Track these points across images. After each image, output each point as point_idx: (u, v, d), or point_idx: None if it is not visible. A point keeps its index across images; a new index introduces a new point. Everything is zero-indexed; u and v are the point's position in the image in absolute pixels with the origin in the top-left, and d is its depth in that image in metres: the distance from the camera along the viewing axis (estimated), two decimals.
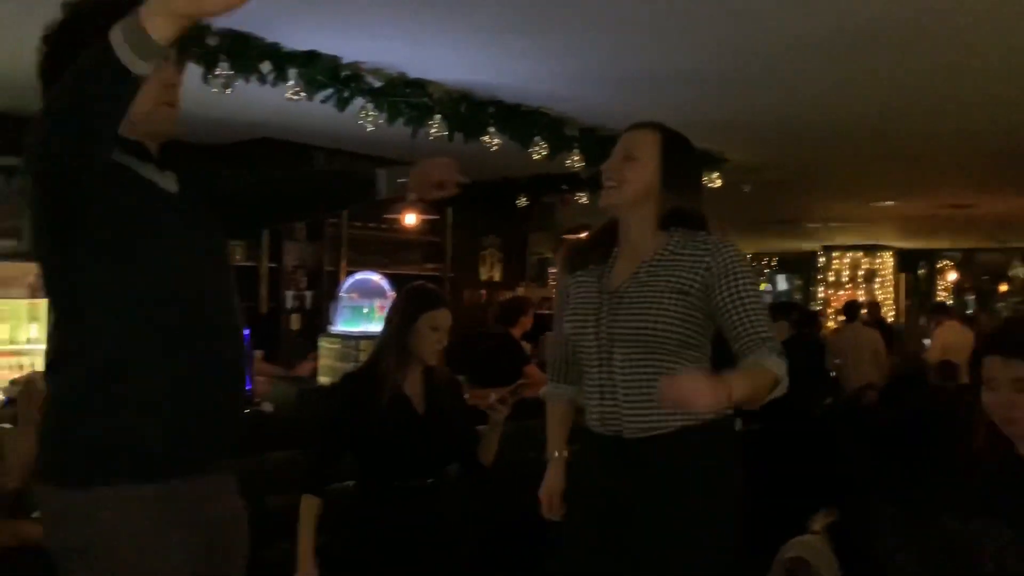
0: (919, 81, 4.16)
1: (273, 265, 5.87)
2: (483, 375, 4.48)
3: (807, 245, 13.64)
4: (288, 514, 3.19)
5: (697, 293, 1.80)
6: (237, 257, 5.39)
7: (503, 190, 6.69)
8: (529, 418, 3.89)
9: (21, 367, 4.36)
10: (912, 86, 4.25)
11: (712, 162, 5.75)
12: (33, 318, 4.65)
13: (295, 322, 5.94)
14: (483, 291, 7.49)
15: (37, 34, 1.49)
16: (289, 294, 5.95)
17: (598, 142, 5.04)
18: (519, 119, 4.40)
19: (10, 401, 2.16)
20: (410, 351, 2.44)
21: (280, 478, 3.19)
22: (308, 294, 6.07)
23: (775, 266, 15.65)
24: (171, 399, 1.42)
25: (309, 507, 2.43)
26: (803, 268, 15.06)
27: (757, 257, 15.39)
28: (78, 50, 1.25)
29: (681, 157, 1.90)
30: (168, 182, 1.54)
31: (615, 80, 4.21)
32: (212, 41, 3.33)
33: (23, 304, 4.66)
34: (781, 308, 8.60)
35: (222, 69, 3.34)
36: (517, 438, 3.84)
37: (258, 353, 4.67)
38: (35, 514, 2.15)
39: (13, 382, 3.41)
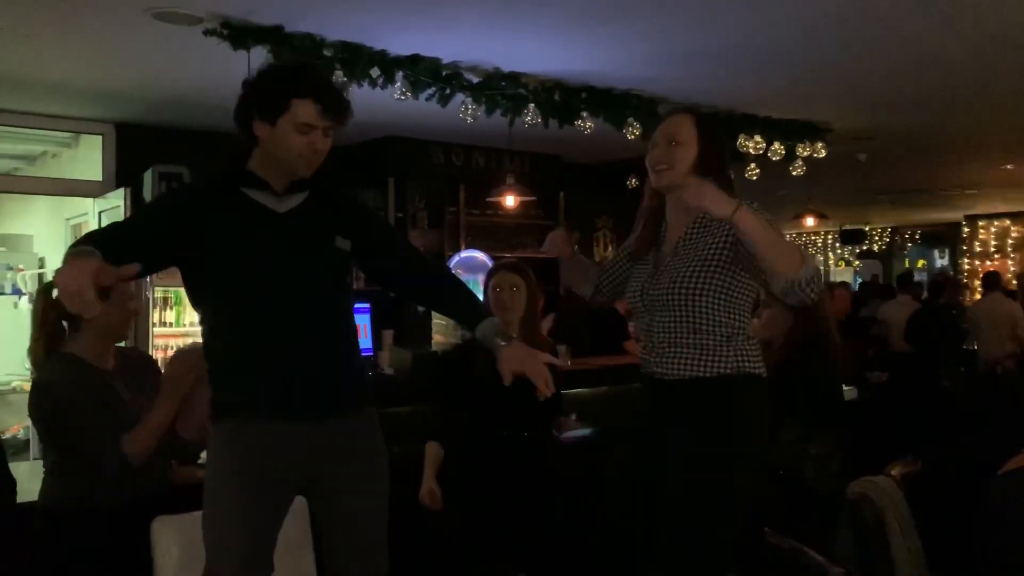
0: None
1: None
2: (585, 347, 4.87)
3: (949, 216, 13.03)
4: (408, 462, 3.66)
5: (726, 256, 2.07)
6: None
7: (614, 172, 6.93)
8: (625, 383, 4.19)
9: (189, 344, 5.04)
10: None
11: (813, 132, 5.78)
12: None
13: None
14: None
15: (200, 63, 1.98)
16: None
17: None
18: (611, 102, 4.66)
19: None
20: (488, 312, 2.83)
21: (401, 431, 3.64)
22: None
23: (918, 239, 15.00)
24: (251, 372, 2.02)
25: (430, 450, 2.94)
26: (947, 240, 14.38)
27: (897, 231, 14.82)
28: (262, 103, 1.92)
29: (713, 136, 2.18)
30: (283, 203, 2.01)
31: (704, 58, 4.32)
32: (328, 52, 3.82)
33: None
34: (903, 280, 8.41)
35: (337, 77, 3.81)
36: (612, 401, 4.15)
37: (388, 332, 5.19)
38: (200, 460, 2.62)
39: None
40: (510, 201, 5.40)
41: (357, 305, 4.72)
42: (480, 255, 4.88)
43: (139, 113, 5.41)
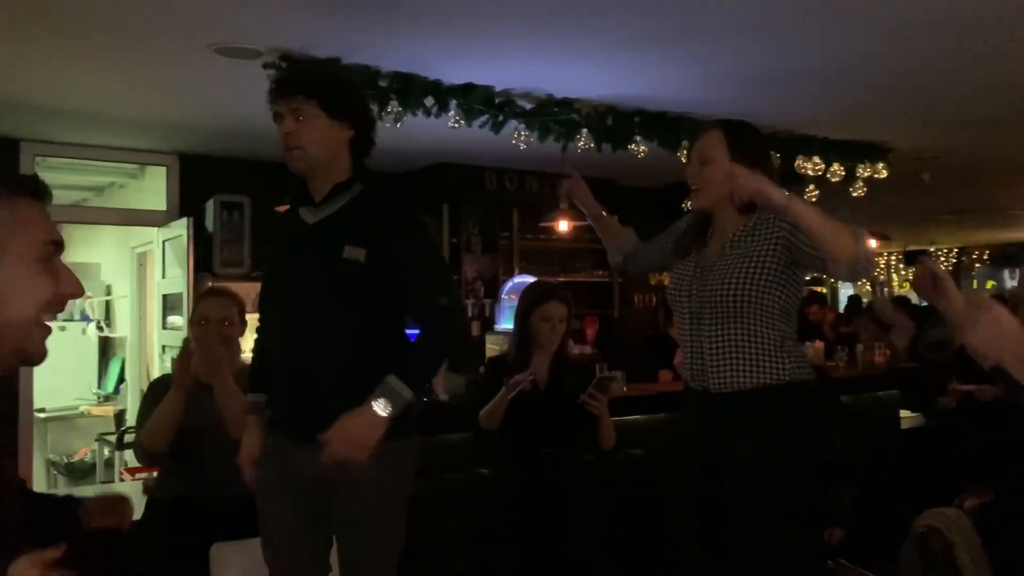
0: None
1: (454, 277, 6.44)
2: (641, 372, 4.82)
3: (1020, 235, 12.60)
4: (463, 488, 3.65)
5: (777, 259, 2.03)
6: None
7: (669, 195, 6.87)
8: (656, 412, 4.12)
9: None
10: None
11: (874, 152, 5.66)
12: (252, 330, 5.43)
13: (475, 329, 6.46)
14: (653, 295, 7.71)
15: (259, 95, 2.09)
16: (469, 303, 6.48)
17: None
18: (664, 126, 4.63)
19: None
20: (529, 339, 2.82)
21: (454, 458, 3.64)
22: (487, 302, 6.59)
23: (987, 260, 14.53)
24: (268, 384, 2.05)
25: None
26: (1019, 260, 13.89)
27: (964, 251, 14.37)
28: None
29: (746, 146, 2.14)
30: (317, 214, 1.99)
31: (759, 80, 4.26)
32: (383, 83, 3.88)
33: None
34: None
35: (392, 107, 3.87)
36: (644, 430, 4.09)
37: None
38: None
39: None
40: (563, 226, 5.39)
41: (409, 330, 4.78)
42: (531, 279, 4.87)
43: (202, 144, 5.57)
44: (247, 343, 2.46)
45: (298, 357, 1.95)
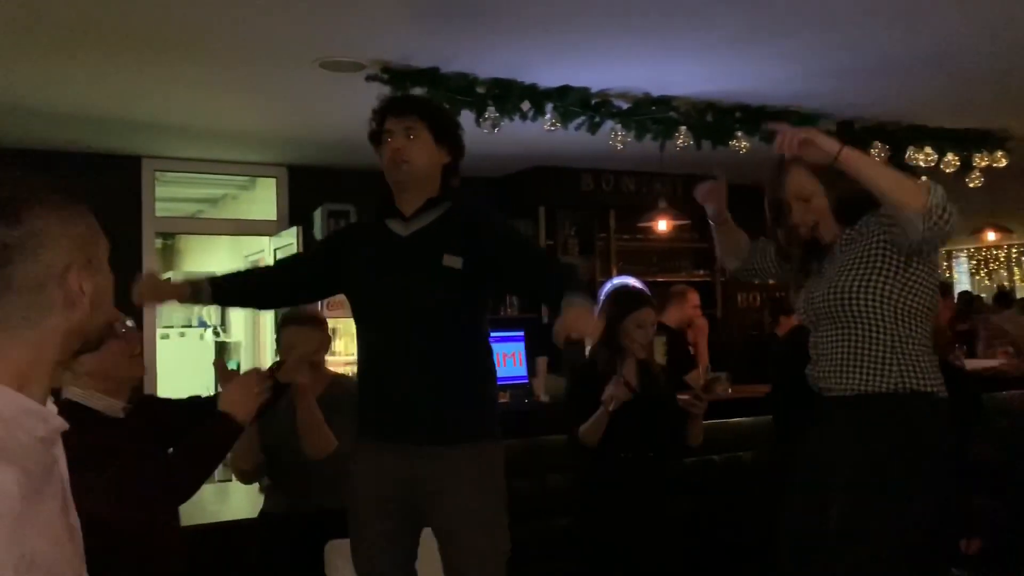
0: None
1: None
2: (746, 374, 4.70)
3: None
4: (565, 490, 3.66)
5: (883, 260, 1.97)
6: None
7: None
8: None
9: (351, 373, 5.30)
10: None
11: (992, 141, 5.37)
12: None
13: None
14: (756, 294, 7.52)
15: (363, 107, 2.15)
16: None
17: (859, 134, 5.00)
18: (767, 120, 4.53)
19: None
20: (621, 346, 2.82)
21: (555, 458, 3.66)
22: None
23: None
24: (367, 394, 2.10)
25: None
26: None
27: None
28: (372, 138, 2.12)
29: (822, 167, 2.06)
30: (409, 227, 2.09)
31: (864, 71, 4.14)
32: (480, 90, 3.94)
33: (353, 323, 5.63)
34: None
35: (489, 113, 3.92)
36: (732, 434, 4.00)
37: (542, 360, 5.24)
38: None
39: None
40: (662, 225, 5.33)
41: (510, 333, 4.83)
42: (632, 281, 4.83)
43: (309, 156, 5.78)
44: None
45: (399, 362, 2.03)
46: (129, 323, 2.04)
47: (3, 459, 0.88)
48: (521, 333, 4.75)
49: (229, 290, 2.27)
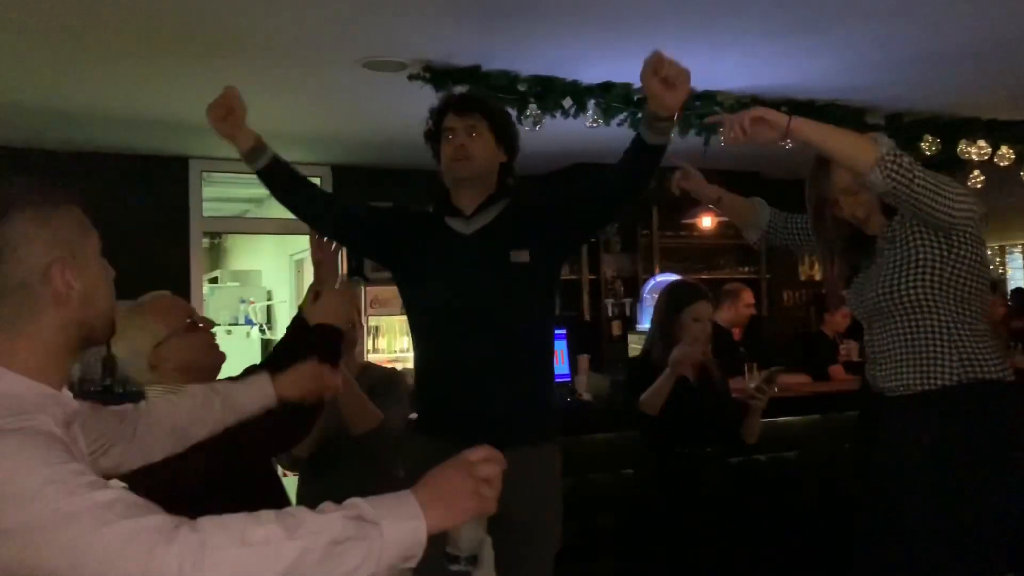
0: None
1: (593, 277, 6.42)
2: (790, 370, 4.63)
3: None
4: (608, 489, 3.64)
5: (927, 249, 1.93)
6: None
7: None
8: (832, 411, 3.94)
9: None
10: None
11: None
12: (404, 332, 5.66)
13: (616, 328, 6.42)
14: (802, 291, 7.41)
15: (405, 106, 2.14)
16: (608, 302, 6.45)
17: (909, 127, 4.89)
18: (812, 115, 4.41)
19: None
20: (673, 339, 2.78)
21: (597, 457, 3.64)
22: (627, 302, 6.53)
23: None
24: (428, 389, 2.11)
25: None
26: None
27: None
28: (429, 137, 2.15)
29: None
30: (471, 225, 2.10)
31: (913, 63, 4.05)
32: (522, 87, 3.93)
33: (396, 320, 5.69)
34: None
35: (531, 110, 3.91)
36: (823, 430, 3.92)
37: (584, 358, 5.23)
38: None
39: None
40: (706, 222, 5.27)
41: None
42: (676, 278, 4.79)
43: (352, 155, 5.83)
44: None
45: (466, 363, 2.03)
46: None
47: (38, 414, 0.96)
48: (564, 331, 4.73)
49: (282, 173, 2.33)
